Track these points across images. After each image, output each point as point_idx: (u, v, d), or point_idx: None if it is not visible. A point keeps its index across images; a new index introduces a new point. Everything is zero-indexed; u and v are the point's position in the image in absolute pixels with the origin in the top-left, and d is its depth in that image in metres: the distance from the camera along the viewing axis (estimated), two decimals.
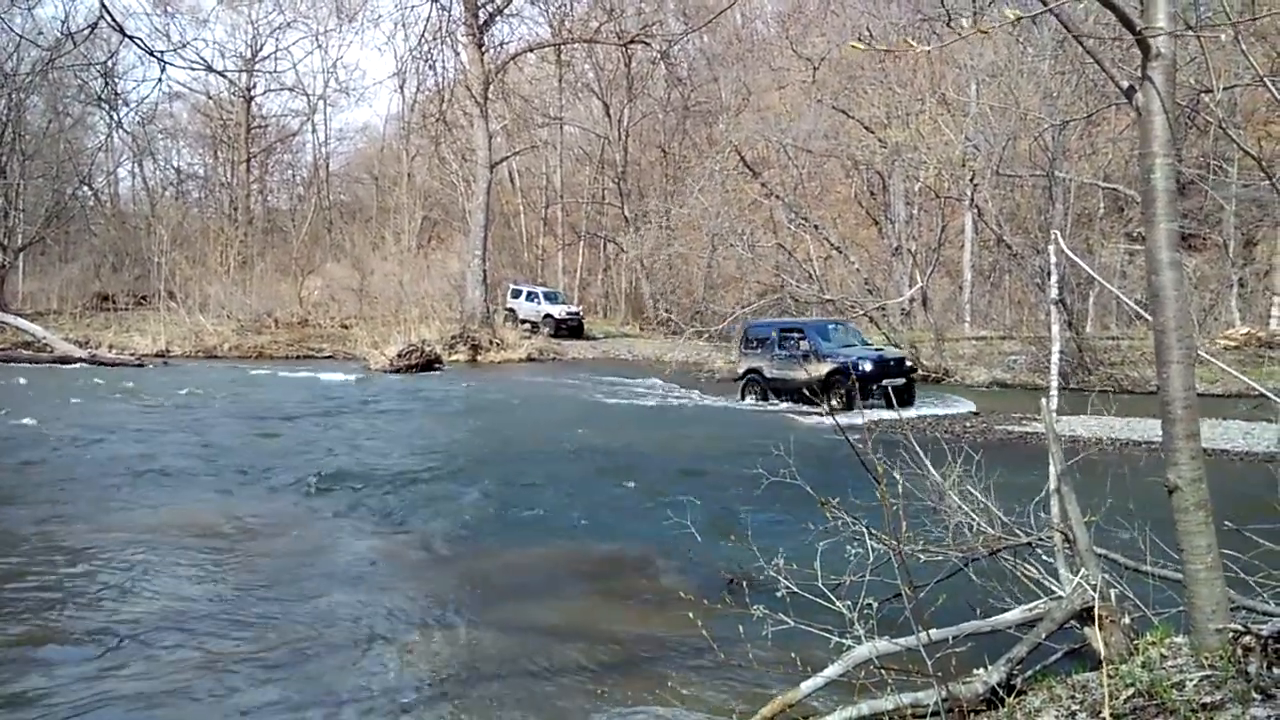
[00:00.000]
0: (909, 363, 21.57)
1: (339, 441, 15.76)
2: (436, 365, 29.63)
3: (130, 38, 9.73)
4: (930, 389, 23.54)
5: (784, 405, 20.93)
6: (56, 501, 10.97)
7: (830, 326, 22.55)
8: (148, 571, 8.28)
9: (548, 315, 40.04)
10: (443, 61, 47.09)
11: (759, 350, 22.60)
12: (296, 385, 24.66)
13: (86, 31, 10.46)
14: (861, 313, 27.78)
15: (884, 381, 19.20)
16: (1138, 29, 4.48)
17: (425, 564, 8.99)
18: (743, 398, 22.25)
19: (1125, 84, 4.77)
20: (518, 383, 27.24)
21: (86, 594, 7.61)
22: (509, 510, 10.96)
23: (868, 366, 19.92)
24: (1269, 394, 5.30)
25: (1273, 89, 6.72)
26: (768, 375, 22.05)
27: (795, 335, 21.78)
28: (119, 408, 19.45)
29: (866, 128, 31.20)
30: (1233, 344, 24.94)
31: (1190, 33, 5.48)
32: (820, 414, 17.32)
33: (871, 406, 17.45)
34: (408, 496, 11.65)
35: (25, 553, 8.77)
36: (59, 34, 12.71)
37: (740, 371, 23.04)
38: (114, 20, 9.21)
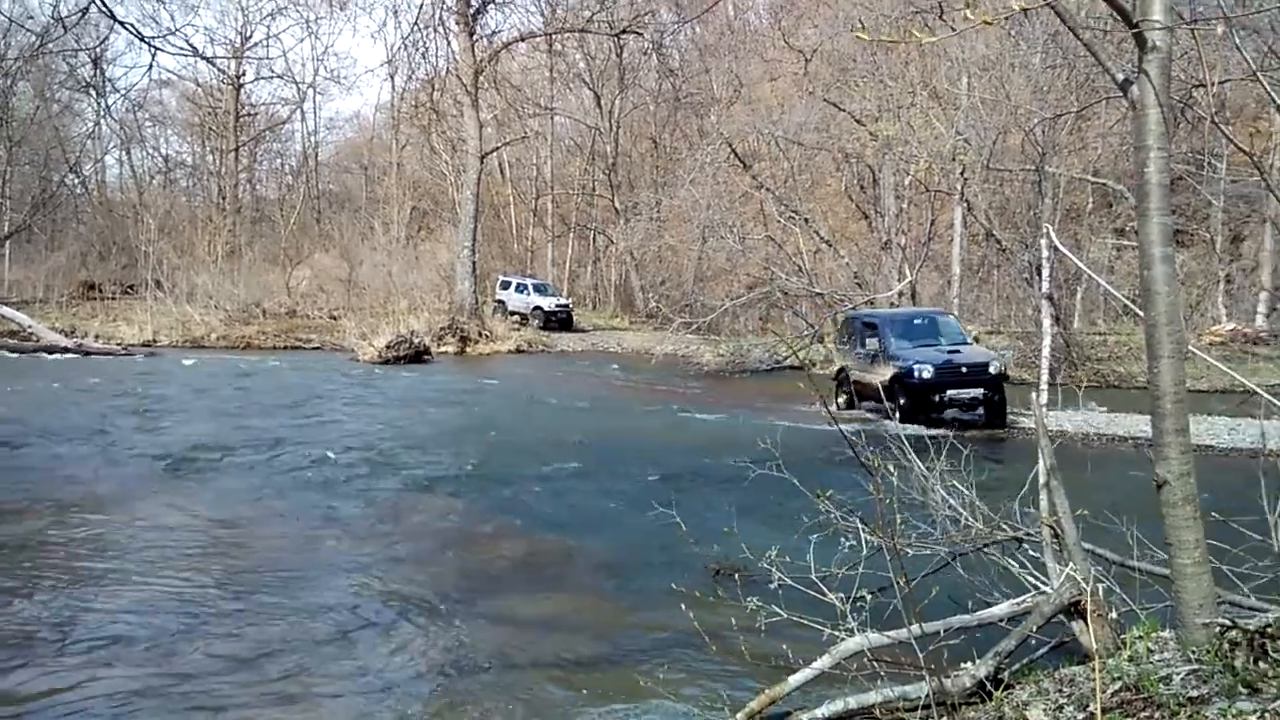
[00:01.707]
0: (996, 367, 17.03)
1: (326, 433, 15.71)
2: (425, 357, 29.54)
3: (121, 23, 9.67)
4: None
5: (868, 413, 17.59)
6: (36, 496, 10.90)
7: (915, 320, 19.09)
8: (130, 565, 8.24)
9: (537, 307, 39.95)
10: (434, 50, 46.95)
11: (848, 345, 19.68)
12: (284, 376, 24.57)
13: (77, 16, 10.40)
14: (851, 307, 27.81)
15: (951, 393, 16.37)
16: (1134, 21, 4.48)
17: (413, 556, 8.97)
18: (836, 400, 18.92)
19: (1120, 77, 4.77)
20: (506, 375, 27.19)
21: (68, 589, 7.56)
22: (497, 503, 10.96)
23: (926, 373, 16.62)
24: (1257, 389, 5.32)
25: (1265, 83, 6.74)
26: (852, 376, 18.82)
27: (874, 330, 18.61)
28: (103, 398, 19.34)
29: (858, 121, 31.15)
30: (1219, 340, 25.07)
31: (1185, 26, 5.48)
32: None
33: (941, 421, 15.17)
34: (395, 489, 11.63)
35: (3, 550, 8.71)
36: (49, 18, 12.64)
37: (835, 370, 20.27)
38: (105, 5, 9.15)
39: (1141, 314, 4.70)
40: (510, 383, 24.84)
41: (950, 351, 17.34)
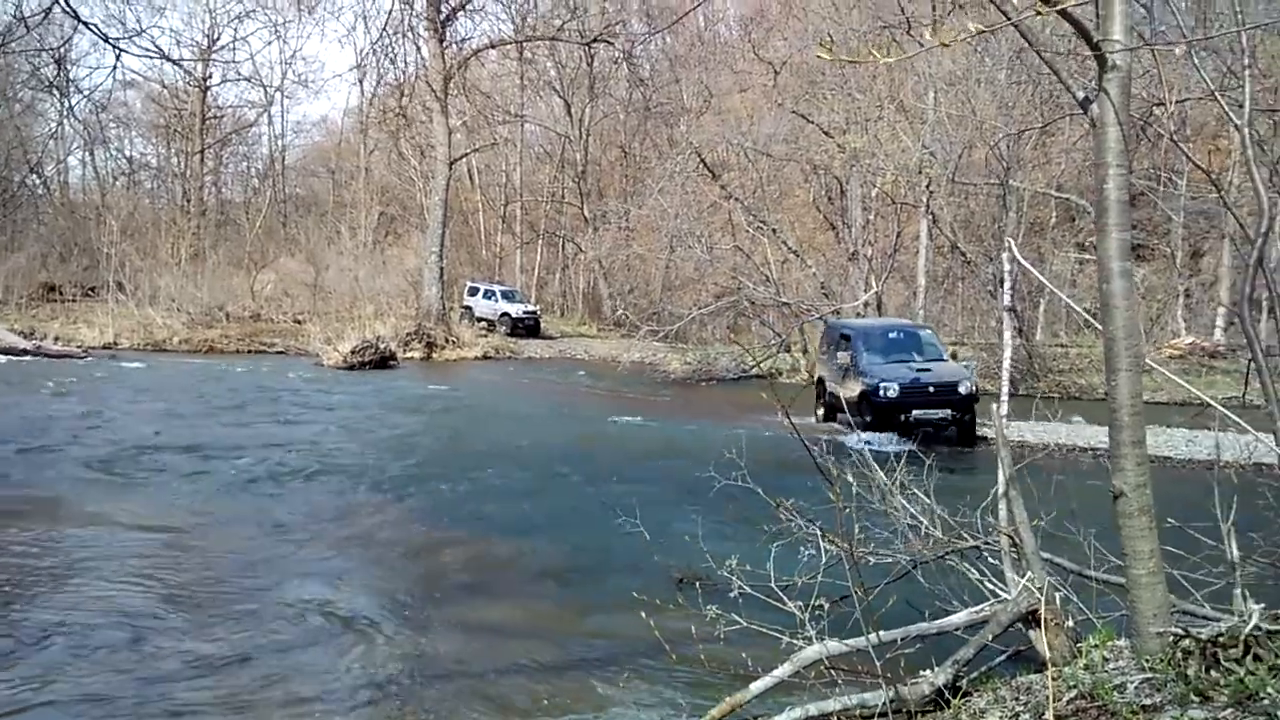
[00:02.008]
0: (967, 387, 16.14)
1: (289, 439, 15.56)
2: (391, 362, 29.37)
3: (85, 23, 9.55)
4: None
5: (842, 425, 17.21)
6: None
7: (891, 334, 18.28)
8: (82, 570, 8.13)
9: (504, 314, 39.84)
10: (403, 56, 46.77)
11: (827, 355, 18.95)
12: (247, 380, 24.32)
13: (40, 16, 10.26)
14: (817, 316, 27.97)
15: (918, 413, 15.60)
16: (1094, 41, 4.56)
17: (372, 563, 8.92)
18: (816, 410, 18.54)
19: (1081, 95, 4.84)
20: (472, 381, 27.09)
21: (27, 593, 7.44)
22: (460, 510, 10.91)
23: (892, 393, 15.90)
24: (1212, 402, 5.41)
25: (1223, 103, 6.87)
26: (829, 388, 18.12)
27: (848, 341, 17.88)
28: (59, 401, 19.06)
29: (826, 133, 31.38)
30: (1178, 353, 25.44)
31: (1145, 46, 5.58)
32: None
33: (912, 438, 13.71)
34: (355, 495, 11.55)
35: None
36: (11, 17, 12.47)
37: (815, 378, 19.69)
38: (69, 5, 9.05)
39: (1100, 327, 4.77)
40: (476, 389, 24.74)
41: (920, 370, 16.64)
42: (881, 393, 15.90)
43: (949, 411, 15.86)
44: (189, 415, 17.67)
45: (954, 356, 17.39)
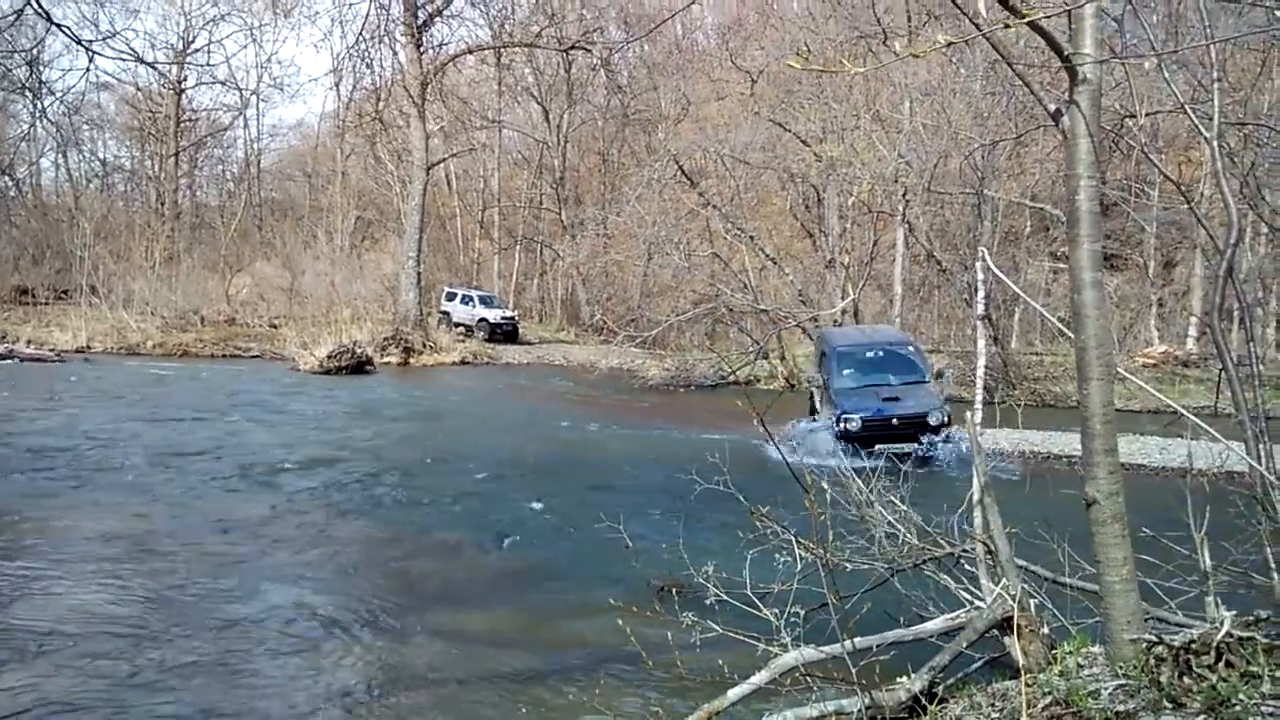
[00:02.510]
0: (938, 418, 15.19)
1: (264, 444, 15.47)
2: (368, 367, 29.25)
3: (58, 25, 9.51)
4: None
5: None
6: None
7: (869, 352, 16.81)
8: (62, 575, 8.04)
9: (482, 319, 39.77)
10: (380, 60, 46.62)
11: (816, 369, 18.04)
12: (221, 385, 24.14)
13: (11, 17, 10.19)
14: (795, 324, 28.08)
15: (880, 447, 14.32)
16: (1065, 55, 4.62)
17: (345, 569, 8.87)
18: (812, 420, 17.29)
19: (1053, 107, 4.90)
20: (450, 386, 27.00)
21: None
22: (436, 516, 10.87)
23: (853, 425, 15.01)
24: (1184, 411, 5.47)
25: (1193, 116, 6.96)
26: (814, 403, 17.45)
27: (824, 359, 17.07)
28: (36, 406, 18.86)
29: (803, 141, 31.51)
30: (1151, 362, 25.70)
31: (1116, 59, 5.65)
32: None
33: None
34: (335, 501, 11.49)
35: None
36: None
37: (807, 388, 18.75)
38: (41, 7, 8.99)
39: (1073, 337, 4.82)
40: (452, 395, 24.66)
41: (888, 399, 15.62)
42: (843, 424, 15.01)
43: (915, 446, 14.54)
44: (161, 419, 17.53)
45: (939, 375, 15.87)
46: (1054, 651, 4.95)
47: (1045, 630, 5.18)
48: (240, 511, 10.81)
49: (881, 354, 16.77)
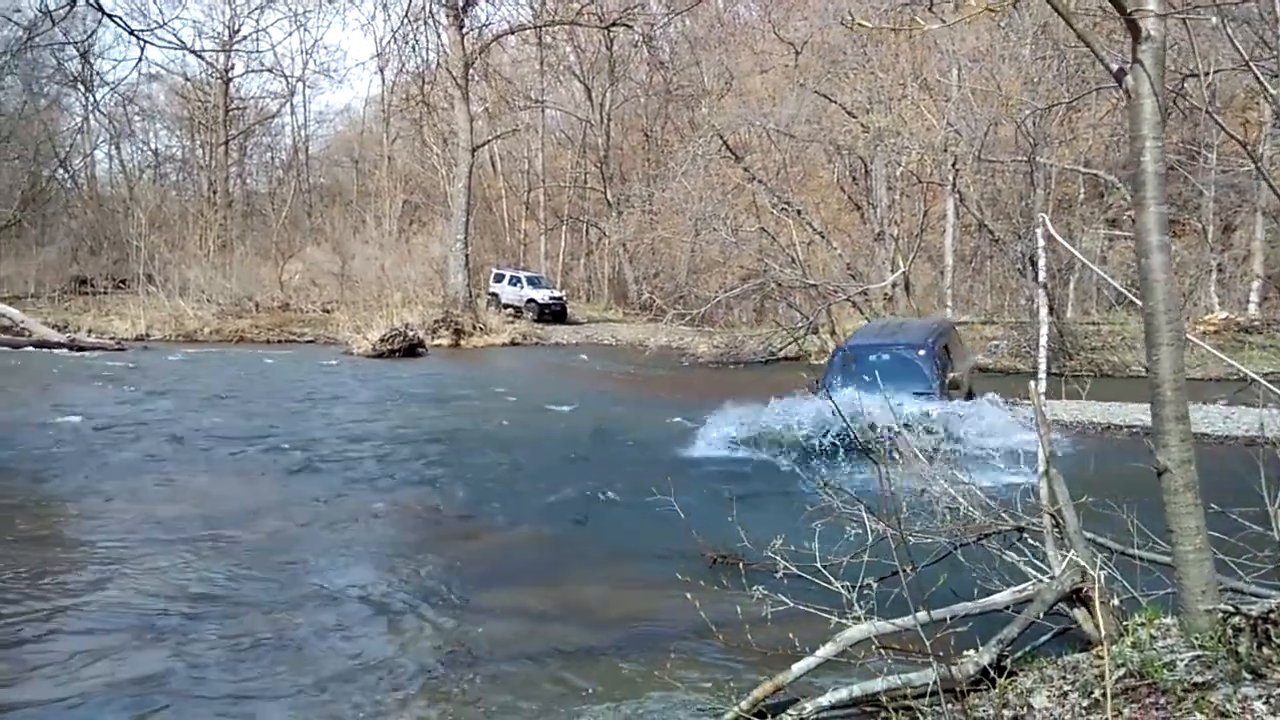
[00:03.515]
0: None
1: (324, 425, 15.70)
2: (419, 349, 29.52)
3: (110, 16, 9.66)
4: None
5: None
6: (29, 490, 10.88)
7: (872, 354, 14.97)
8: (127, 554, 8.22)
9: (531, 300, 39.95)
10: (424, 43, 46.78)
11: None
12: (278, 369, 24.52)
13: (66, 9, 10.34)
14: (845, 298, 27.86)
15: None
16: (1128, 11, 4.49)
17: (414, 549, 8.98)
18: None
19: (1115, 67, 4.78)
20: (501, 367, 27.19)
21: (64, 581, 7.53)
22: (495, 494, 10.96)
23: (824, 441, 13.15)
24: (1256, 377, 5.35)
25: (1257, 73, 6.77)
26: None
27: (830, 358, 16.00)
28: (99, 392, 19.28)
29: (849, 112, 31.18)
30: (1212, 329, 25.17)
31: (1178, 15, 5.50)
32: None
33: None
34: (395, 481, 11.63)
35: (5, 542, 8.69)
36: (37, 11, 12.56)
37: None
38: None
39: (1139, 302, 4.72)
40: (505, 375, 24.83)
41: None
42: (820, 439, 13.09)
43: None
44: (222, 404, 17.85)
45: (954, 385, 14.07)
46: (1125, 624, 4.88)
47: (1115, 602, 5.11)
48: (302, 492, 10.99)
49: (886, 358, 14.89)
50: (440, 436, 14.86)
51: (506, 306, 39.54)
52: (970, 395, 15.15)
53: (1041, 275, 6.22)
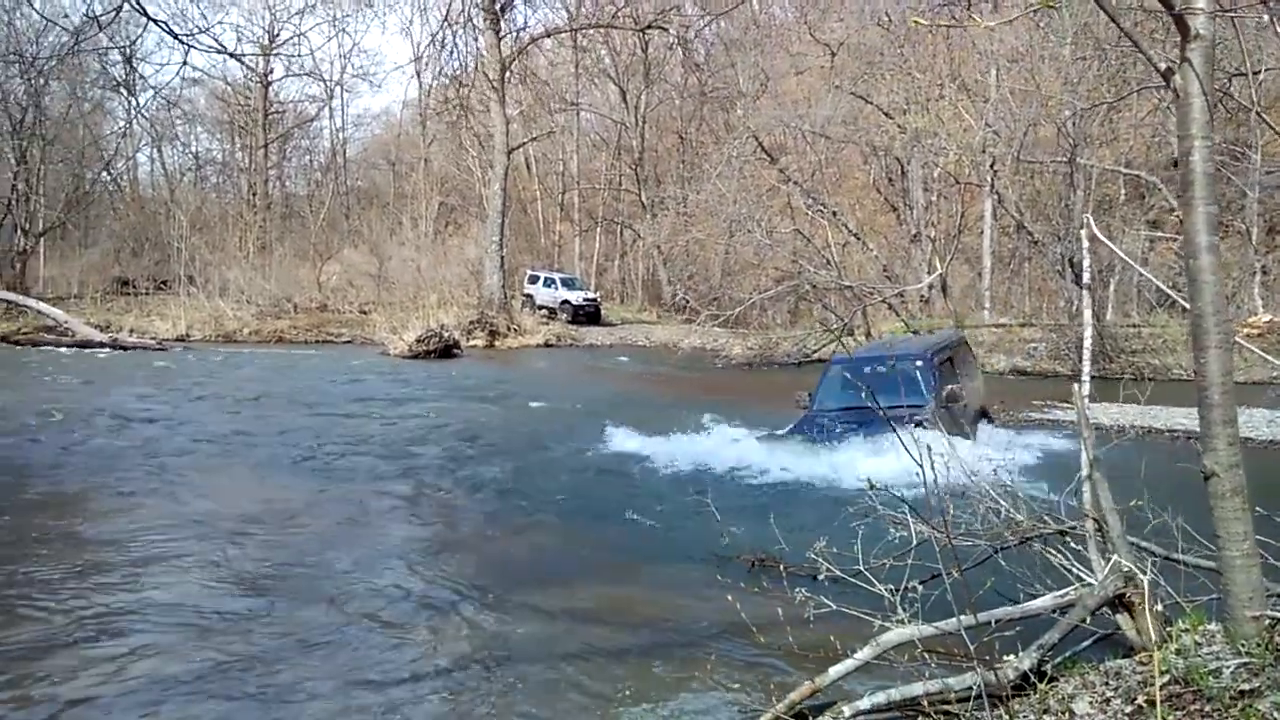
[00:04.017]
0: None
1: (361, 425, 15.82)
2: (455, 350, 29.69)
3: (155, 21, 9.80)
4: None
5: None
6: (80, 485, 11.06)
7: (868, 366, 13.95)
8: (171, 554, 8.32)
9: (565, 301, 40.08)
10: (461, 46, 47.04)
11: None
12: (317, 369, 24.75)
13: (112, 14, 10.52)
14: (880, 299, 27.69)
15: None
16: (1176, 9, 4.44)
17: (450, 548, 9.02)
18: None
19: (1163, 66, 4.71)
20: (535, 369, 27.28)
21: (101, 581, 7.61)
22: (530, 494, 10.99)
23: None
24: None
25: None
26: None
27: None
28: (141, 391, 19.55)
29: (885, 113, 31.01)
30: (1256, 332, 24.73)
31: (1230, 14, 5.42)
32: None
33: None
34: (431, 480, 11.69)
35: (45, 539, 8.82)
36: (84, 16, 12.78)
37: None
38: (138, 3, 9.27)
39: (1185, 304, 4.65)
40: (540, 376, 24.91)
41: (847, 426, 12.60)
42: None
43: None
44: (262, 403, 18.05)
45: (952, 399, 12.89)
46: (1169, 629, 4.81)
47: (1159, 607, 5.04)
48: (339, 490, 11.08)
49: (881, 370, 13.70)
50: (475, 436, 14.93)
51: (541, 308, 39.70)
52: (985, 416, 14.31)
53: (1086, 277, 6.15)
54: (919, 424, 10.68)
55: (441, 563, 8.36)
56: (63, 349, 28.70)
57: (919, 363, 13.37)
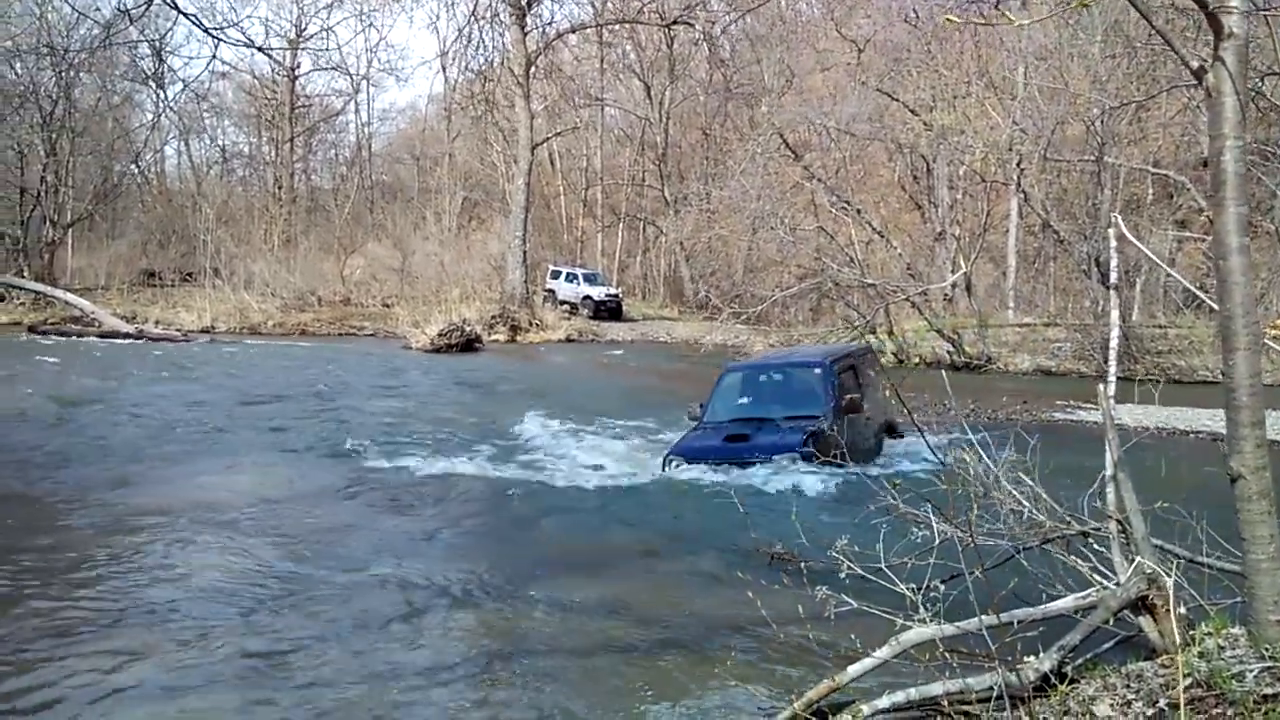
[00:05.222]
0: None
1: (382, 418, 15.91)
2: (477, 345, 29.80)
3: (185, 15, 9.88)
4: (966, 378, 23.27)
5: None
6: (99, 474, 11.17)
7: (763, 374, 13.50)
8: (195, 543, 8.38)
9: (587, 297, 40.09)
10: (487, 42, 47.16)
11: None
12: (340, 362, 24.88)
13: (143, 8, 10.59)
14: (904, 298, 27.52)
15: None
16: (1210, 7, 4.39)
17: (466, 539, 9.06)
18: None
19: (1195, 65, 4.67)
20: (556, 363, 27.34)
21: (114, 569, 7.65)
22: (548, 488, 11.03)
23: (676, 465, 11.57)
24: None
25: None
26: None
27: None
28: (166, 380, 19.73)
29: (911, 110, 30.82)
30: None
31: (1265, 11, 5.36)
32: None
33: None
34: (450, 473, 11.74)
35: (60, 529, 8.90)
36: (114, 10, 12.89)
37: None
38: None
39: (1214, 305, 4.61)
40: (560, 370, 24.95)
41: (731, 438, 11.72)
42: (667, 466, 11.56)
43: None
44: (286, 394, 18.18)
45: (852, 408, 11.94)
46: (1192, 633, 4.77)
47: (1182, 610, 4.99)
48: (361, 480, 11.16)
49: (778, 377, 13.19)
50: (494, 429, 14.98)
51: (563, 303, 39.74)
52: (892, 430, 13.49)
53: (1113, 277, 6.10)
54: (814, 434, 10.71)
55: (457, 553, 8.40)
56: (89, 339, 28.98)
57: (817, 370, 12.67)
